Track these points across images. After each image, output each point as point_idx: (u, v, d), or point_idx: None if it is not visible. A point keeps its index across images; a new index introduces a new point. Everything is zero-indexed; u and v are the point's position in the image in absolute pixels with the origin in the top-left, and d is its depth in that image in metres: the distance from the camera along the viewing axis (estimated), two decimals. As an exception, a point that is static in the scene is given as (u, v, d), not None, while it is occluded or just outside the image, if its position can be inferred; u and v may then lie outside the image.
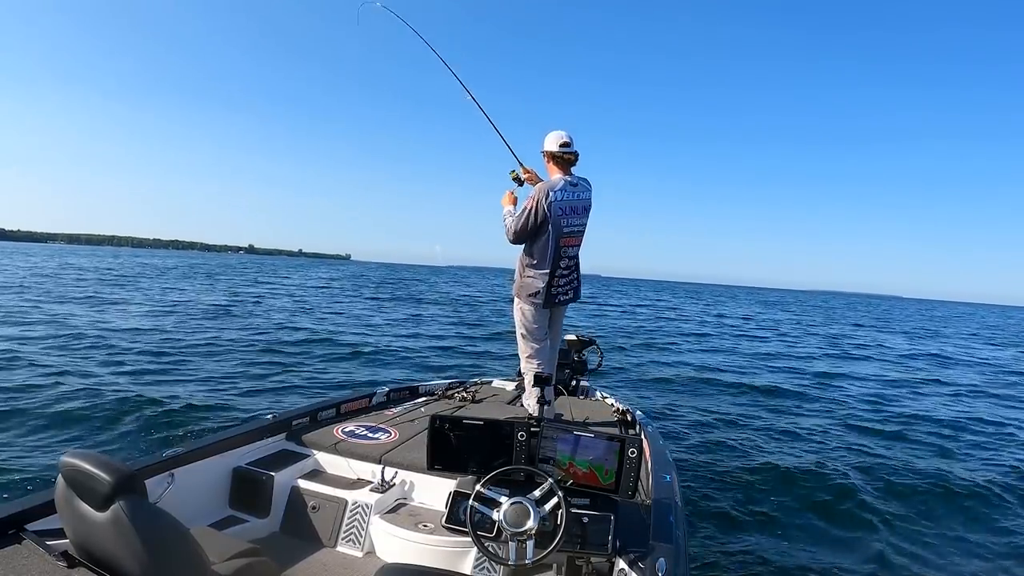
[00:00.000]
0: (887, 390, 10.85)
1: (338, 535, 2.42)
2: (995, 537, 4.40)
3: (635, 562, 1.72)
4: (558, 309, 3.40)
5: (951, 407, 9.44)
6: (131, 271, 36.65)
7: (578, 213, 3.08)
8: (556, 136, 3.05)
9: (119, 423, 5.52)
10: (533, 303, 3.13)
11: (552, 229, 2.98)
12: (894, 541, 4.17)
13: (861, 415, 8.37)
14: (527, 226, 2.98)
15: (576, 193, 3.07)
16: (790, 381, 11.15)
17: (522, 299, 3.18)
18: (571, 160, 3.08)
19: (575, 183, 3.08)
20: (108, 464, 1.34)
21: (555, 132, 3.07)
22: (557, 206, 2.96)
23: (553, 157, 3.06)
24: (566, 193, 3.01)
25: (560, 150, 3.03)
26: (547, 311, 3.25)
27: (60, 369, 7.43)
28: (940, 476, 5.56)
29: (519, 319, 3.24)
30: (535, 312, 3.16)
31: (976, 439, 7.39)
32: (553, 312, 3.37)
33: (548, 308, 3.21)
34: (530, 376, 3.14)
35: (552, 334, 3.46)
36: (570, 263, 3.16)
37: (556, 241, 3.01)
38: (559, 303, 3.23)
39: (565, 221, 3.01)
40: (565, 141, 3.04)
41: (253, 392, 7.25)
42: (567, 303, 3.32)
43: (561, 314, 3.49)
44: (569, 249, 3.10)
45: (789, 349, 17.03)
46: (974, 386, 11.99)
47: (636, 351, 14.06)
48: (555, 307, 3.28)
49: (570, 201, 3.03)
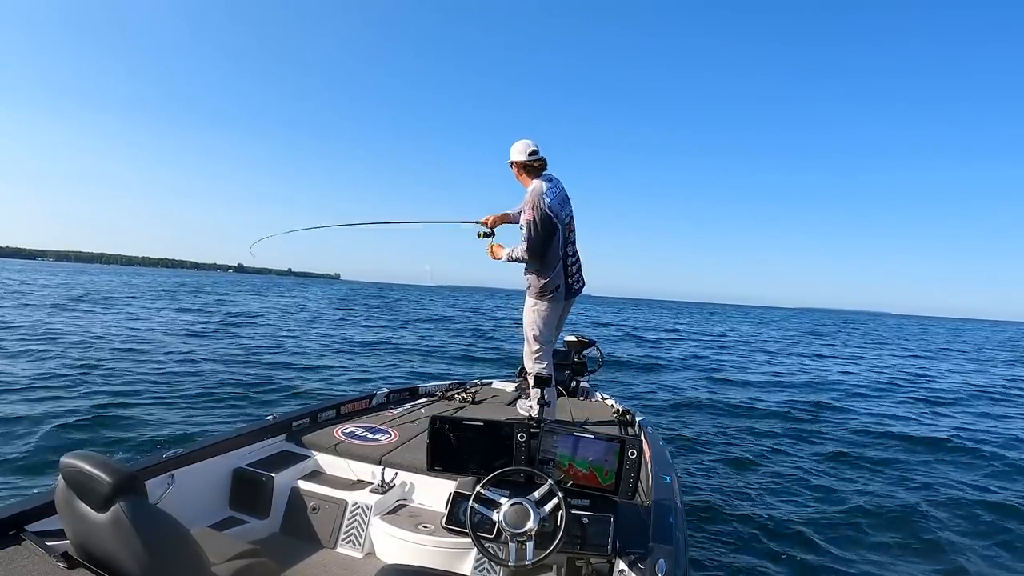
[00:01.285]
0: (895, 406, 10.70)
1: (338, 536, 2.42)
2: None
3: (635, 563, 1.72)
4: (570, 304, 3.47)
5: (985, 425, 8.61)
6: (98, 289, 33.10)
7: (567, 203, 3.24)
8: (524, 145, 3.18)
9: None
10: (553, 299, 3.21)
11: (559, 223, 3.12)
12: (900, 552, 4.08)
13: (870, 430, 8.01)
14: (540, 233, 3.07)
15: (559, 185, 3.23)
16: (793, 393, 11.11)
17: (540, 298, 3.23)
18: (541, 167, 3.21)
19: (551, 179, 3.22)
20: (108, 465, 1.34)
21: (521, 141, 3.19)
22: (553, 202, 3.10)
23: (524, 166, 3.20)
24: (553, 187, 3.16)
25: (529, 159, 3.17)
26: (561, 306, 3.33)
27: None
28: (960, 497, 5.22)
29: (534, 319, 3.27)
30: (551, 309, 3.24)
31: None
32: (565, 307, 3.44)
33: (567, 301, 3.33)
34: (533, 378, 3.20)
35: (558, 327, 3.53)
36: (574, 251, 3.30)
37: (564, 233, 3.16)
38: (575, 292, 3.35)
39: (563, 212, 3.17)
40: (533, 149, 3.17)
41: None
42: (579, 292, 3.42)
43: (569, 310, 3.55)
44: (572, 235, 3.26)
45: (792, 365, 16.76)
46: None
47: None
48: (572, 298, 3.38)
49: (558, 194, 3.18)
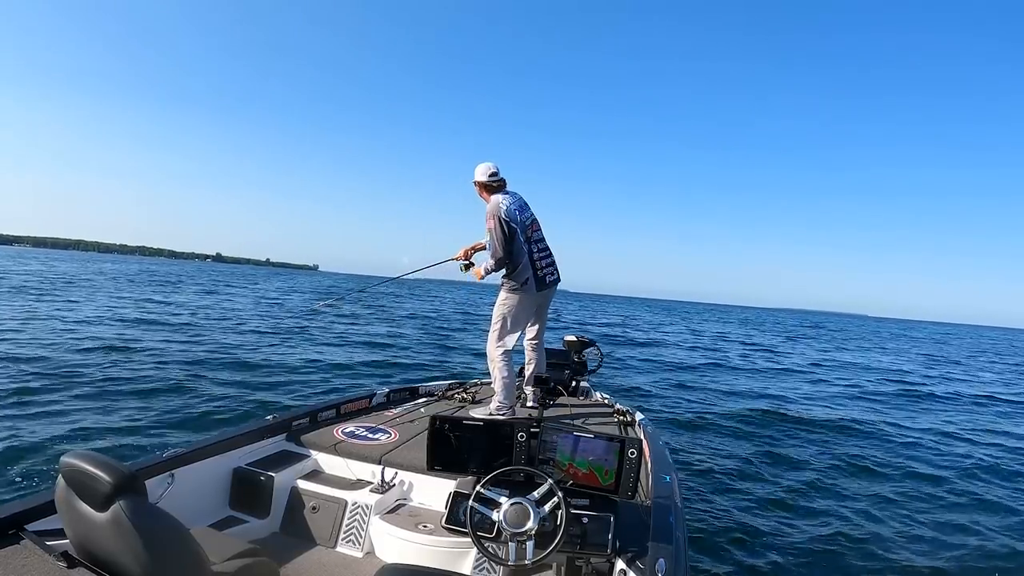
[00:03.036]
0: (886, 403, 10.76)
1: (338, 535, 2.43)
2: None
3: (634, 562, 1.73)
4: (546, 296, 3.78)
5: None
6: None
7: (525, 208, 3.66)
8: (485, 168, 3.64)
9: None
10: (522, 291, 3.56)
11: (518, 228, 3.54)
12: (902, 552, 4.09)
13: (864, 428, 8.12)
14: (501, 235, 3.48)
15: (516, 196, 3.66)
16: (790, 392, 11.15)
17: (511, 291, 3.59)
18: (500, 186, 3.64)
19: (508, 193, 3.64)
20: (108, 464, 1.34)
21: (483, 164, 3.66)
22: (511, 210, 3.52)
23: (484, 186, 3.63)
24: (509, 198, 3.59)
25: (489, 179, 3.62)
26: (539, 298, 3.69)
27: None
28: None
29: (501, 310, 3.62)
30: (520, 301, 3.59)
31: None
32: (542, 299, 3.75)
33: (543, 292, 3.65)
34: (496, 360, 3.54)
35: (539, 323, 3.85)
36: (542, 247, 3.67)
37: (524, 234, 3.57)
38: (549, 284, 3.67)
39: (521, 215, 3.59)
40: (493, 171, 3.63)
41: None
42: (554, 284, 3.73)
43: (547, 304, 3.87)
44: (534, 234, 3.64)
45: (782, 363, 16.70)
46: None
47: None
48: (546, 289, 3.68)
49: (515, 202, 3.61)
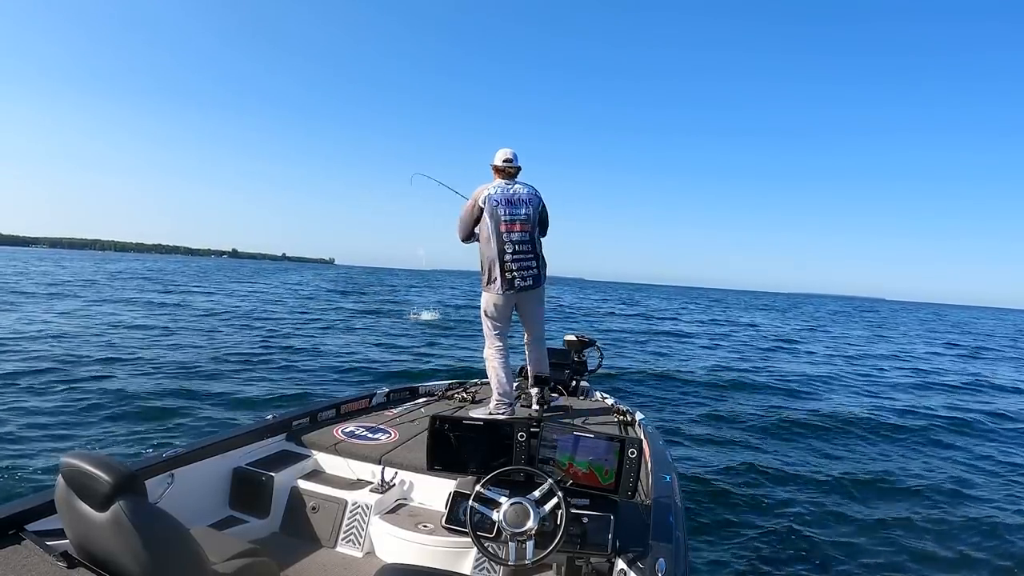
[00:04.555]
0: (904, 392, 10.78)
1: (338, 535, 2.43)
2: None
3: (635, 562, 1.73)
4: (525, 298, 3.57)
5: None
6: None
7: (514, 204, 3.47)
8: (502, 152, 3.62)
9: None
10: (495, 291, 3.47)
11: (490, 220, 3.42)
12: (906, 545, 4.10)
13: (871, 421, 8.08)
14: (463, 217, 3.52)
15: (511, 188, 3.51)
16: (801, 384, 11.15)
17: (485, 289, 3.55)
18: (511, 172, 3.58)
19: (512, 184, 3.55)
20: (108, 464, 1.34)
21: (502, 149, 3.63)
22: (491, 200, 3.43)
23: (497, 169, 3.60)
24: (500, 189, 3.48)
25: (503, 164, 3.58)
26: (510, 299, 3.51)
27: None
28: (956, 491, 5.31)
29: (482, 307, 3.61)
30: (492, 299, 3.52)
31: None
32: (520, 301, 3.57)
33: (512, 293, 3.47)
34: (487, 359, 3.56)
35: (527, 325, 3.70)
36: (518, 248, 3.45)
37: (496, 229, 3.42)
38: (520, 289, 3.47)
39: (502, 210, 3.44)
40: (508, 157, 3.60)
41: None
42: (528, 289, 3.50)
43: (532, 306, 3.64)
44: (512, 235, 3.43)
45: (802, 352, 16.86)
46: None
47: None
48: (518, 293, 3.49)
49: (504, 194, 3.47)
